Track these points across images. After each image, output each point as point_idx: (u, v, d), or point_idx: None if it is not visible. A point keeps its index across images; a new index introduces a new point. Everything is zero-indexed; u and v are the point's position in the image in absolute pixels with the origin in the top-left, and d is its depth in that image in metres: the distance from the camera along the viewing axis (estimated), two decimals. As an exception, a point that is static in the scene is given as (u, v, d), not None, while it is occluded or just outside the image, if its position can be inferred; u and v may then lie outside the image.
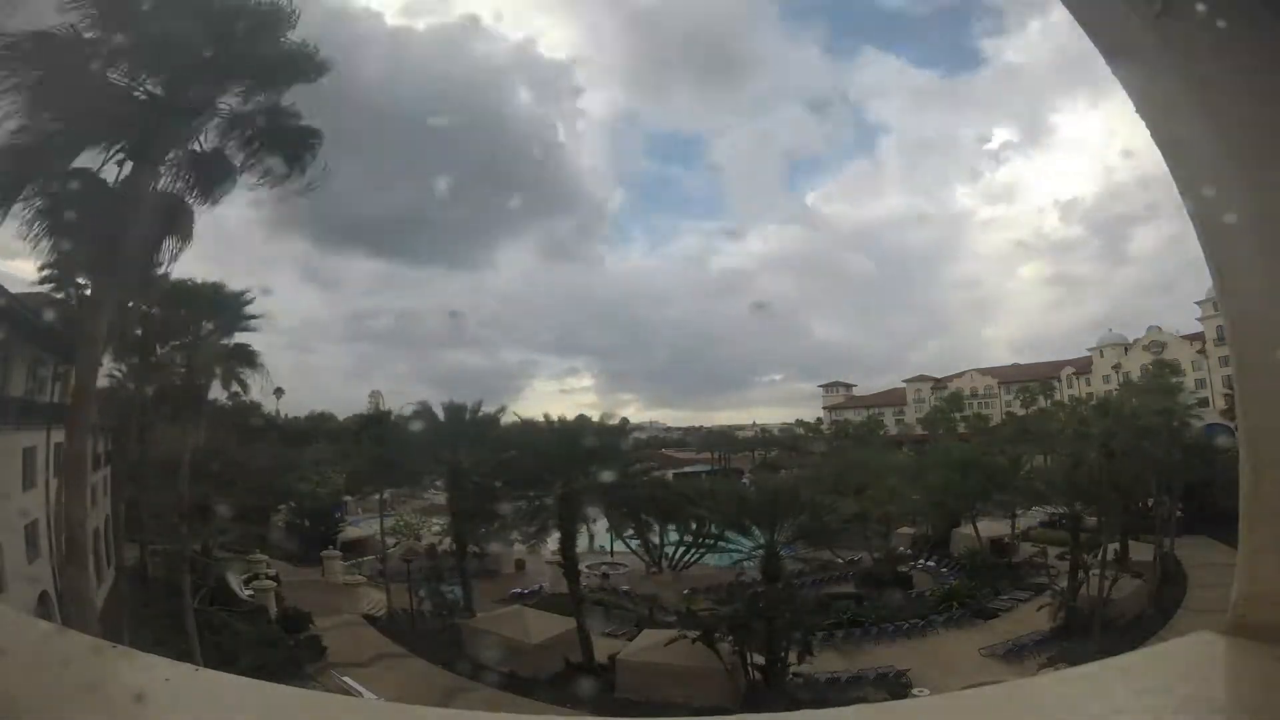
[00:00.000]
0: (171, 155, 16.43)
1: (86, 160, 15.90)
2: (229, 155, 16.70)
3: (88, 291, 18.63)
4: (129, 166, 15.89)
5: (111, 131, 15.77)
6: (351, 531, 41.26)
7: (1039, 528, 39.26)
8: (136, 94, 15.84)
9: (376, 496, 37.43)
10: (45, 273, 24.24)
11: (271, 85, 16.67)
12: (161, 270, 17.79)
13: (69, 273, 20.88)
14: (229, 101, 16.68)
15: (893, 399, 74.68)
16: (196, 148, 16.58)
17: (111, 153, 15.76)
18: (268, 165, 16.52)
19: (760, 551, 28.97)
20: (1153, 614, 27.32)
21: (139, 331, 25.17)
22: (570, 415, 34.67)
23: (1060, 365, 66.66)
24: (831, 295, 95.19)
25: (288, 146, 16.58)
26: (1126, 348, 62.16)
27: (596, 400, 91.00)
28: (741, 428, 76.86)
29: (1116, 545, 30.75)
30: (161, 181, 16.37)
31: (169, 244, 16.89)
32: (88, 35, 14.90)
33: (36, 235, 15.67)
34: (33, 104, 14.41)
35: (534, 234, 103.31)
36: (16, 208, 15.23)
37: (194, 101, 16.31)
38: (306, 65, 16.64)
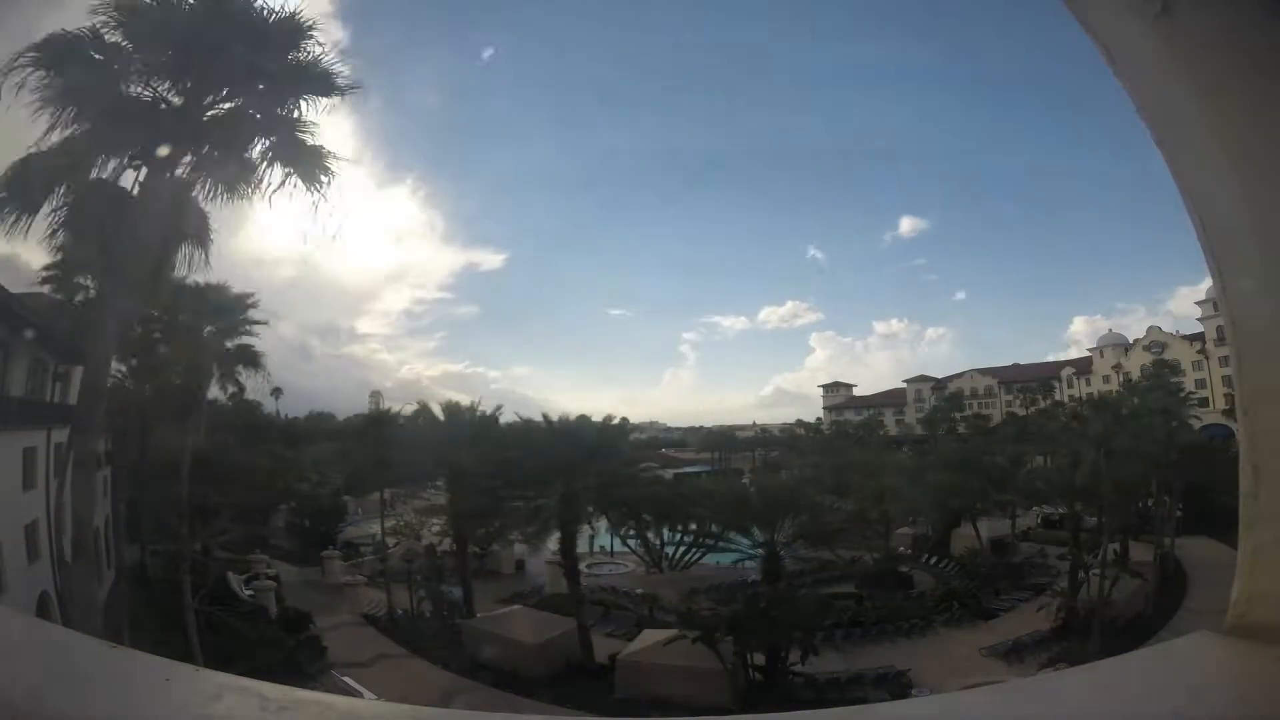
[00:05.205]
0: (188, 159, 16.34)
1: (103, 165, 15.87)
2: (249, 161, 16.48)
3: (98, 293, 18.58)
4: (144, 172, 15.87)
5: (129, 137, 15.72)
6: (351, 531, 41.29)
7: (1039, 528, 39.28)
8: (152, 100, 15.80)
9: (376, 496, 37.44)
10: (50, 273, 24.35)
11: (287, 97, 16.46)
12: (178, 274, 17.69)
13: (82, 274, 20.84)
14: (246, 107, 16.56)
15: (893, 399, 74.62)
16: (213, 153, 16.42)
17: (128, 158, 15.73)
18: (284, 180, 16.25)
19: (760, 551, 28.97)
20: (1153, 614, 27.31)
21: (141, 332, 25.18)
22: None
23: (1060, 365, 66.67)
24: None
25: (302, 164, 16.32)
26: (1127, 348, 62.16)
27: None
28: (742, 428, 76.90)
29: (1116, 545, 30.71)
30: (178, 187, 16.29)
31: (185, 250, 16.83)
32: (109, 40, 14.88)
33: (55, 240, 15.69)
34: (57, 110, 14.38)
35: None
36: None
37: (211, 108, 16.21)
38: (326, 81, 16.38)
